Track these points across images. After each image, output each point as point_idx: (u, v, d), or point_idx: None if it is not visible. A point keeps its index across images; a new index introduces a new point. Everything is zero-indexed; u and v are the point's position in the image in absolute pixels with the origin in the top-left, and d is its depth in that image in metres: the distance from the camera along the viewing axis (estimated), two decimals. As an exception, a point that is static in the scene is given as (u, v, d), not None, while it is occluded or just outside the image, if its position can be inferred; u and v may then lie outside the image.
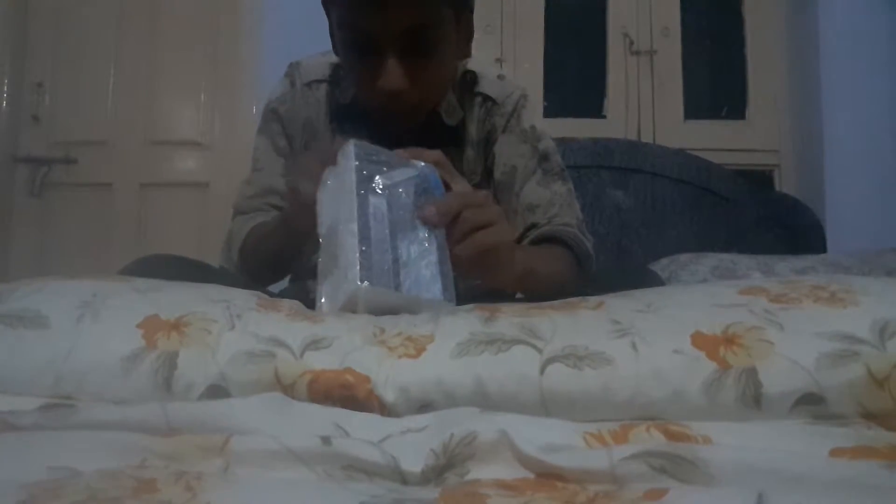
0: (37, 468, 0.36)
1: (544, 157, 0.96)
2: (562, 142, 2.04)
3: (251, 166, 1.04)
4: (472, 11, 0.87)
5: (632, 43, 2.29)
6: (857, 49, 2.09)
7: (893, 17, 2.09)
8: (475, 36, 0.92)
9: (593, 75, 2.32)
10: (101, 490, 0.33)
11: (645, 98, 2.28)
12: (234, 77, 2.21)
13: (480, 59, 2.41)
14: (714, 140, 2.24)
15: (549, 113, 2.32)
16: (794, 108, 2.25)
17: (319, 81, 0.98)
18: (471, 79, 0.96)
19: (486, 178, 0.99)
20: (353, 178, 0.63)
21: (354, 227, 0.60)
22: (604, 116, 2.30)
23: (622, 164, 2.04)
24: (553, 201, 0.94)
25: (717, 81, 2.36)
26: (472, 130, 0.96)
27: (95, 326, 0.50)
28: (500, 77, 0.98)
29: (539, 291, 0.82)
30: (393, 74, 0.79)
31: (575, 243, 0.91)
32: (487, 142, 0.97)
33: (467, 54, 0.91)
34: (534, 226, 0.94)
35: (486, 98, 0.96)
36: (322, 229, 0.64)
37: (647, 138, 2.24)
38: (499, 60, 2.30)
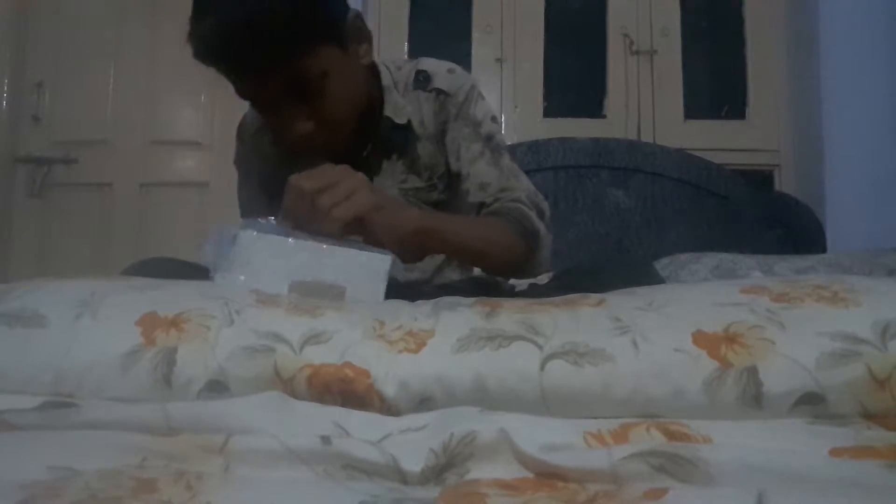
0: (37, 468, 0.36)
1: (489, 138, 0.99)
2: (562, 142, 2.05)
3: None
4: (353, 30, 0.88)
5: (632, 43, 2.29)
6: (857, 49, 2.08)
7: (893, 17, 2.09)
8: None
9: (593, 75, 2.32)
10: (101, 490, 0.33)
11: (645, 98, 2.28)
12: (234, 77, 2.22)
13: (480, 58, 2.40)
14: (714, 140, 2.24)
15: (549, 113, 2.32)
16: (794, 108, 2.25)
17: (261, 130, 1.02)
18: (424, 78, 0.99)
19: (448, 167, 1.01)
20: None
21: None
22: (604, 116, 2.30)
23: (622, 164, 2.04)
24: (502, 176, 0.97)
25: (717, 81, 2.35)
26: (429, 124, 0.99)
27: (94, 324, 0.50)
28: (451, 71, 1.00)
29: (460, 255, 0.89)
30: (293, 124, 0.83)
31: (518, 217, 0.92)
32: (443, 132, 1.00)
33: (368, 61, 0.93)
34: (483, 205, 0.96)
35: (440, 92, 0.98)
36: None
37: (647, 138, 2.24)
38: (499, 60, 2.30)
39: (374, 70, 0.96)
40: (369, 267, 0.67)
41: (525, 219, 0.92)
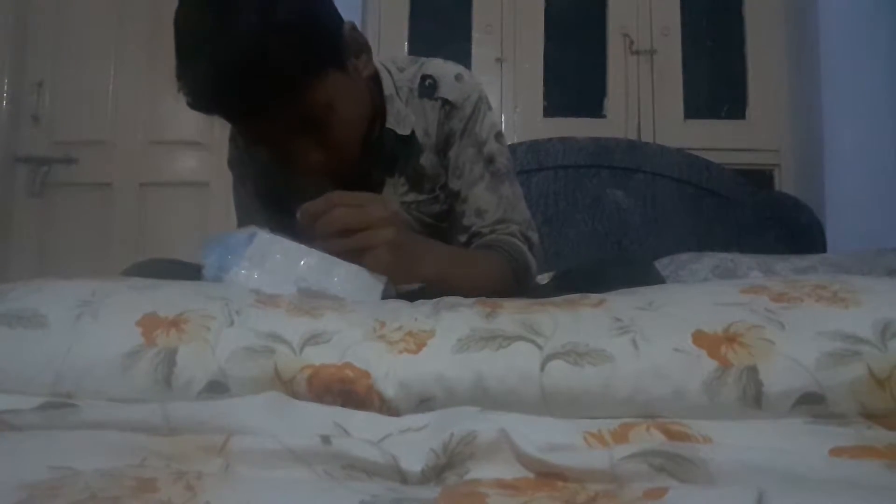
0: (37, 468, 0.36)
1: (490, 160, 0.95)
2: (562, 141, 2.05)
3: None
4: (351, 44, 0.83)
5: (632, 43, 2.29)
6: (857, 49, 2.09)
7: (893, 17, 2.09)
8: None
9: (593, 75, 2.32)
10: (101, 490, 0.33)
11: (645, 98, 2.28)
12: (234, 77, 2.21)
13: (480, 58, 2.40)
14: (714, 140, 2.24)
15: (549, 113, 2.32)
16: (794, 108, 2.25)
17: None
18: (430, 85, 0.94)
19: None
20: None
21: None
22: (604, 116, 2.30)
23: (622, 164, 2.04)
24: (500, 205, 0.94)
25: (717, 81, 2.36)
26: (432, 134, 0.95)
27: (94, 325, 0.50)
28: (458, 77, 0.96)
29: (463, 294, 0.86)
30: (303, 157, 0.80)
31: (513, 253, 0.91)
32: (447, 144, 0.96)
33: (369, 72, 0.88)
34: (477, 234, 0.94)
35: (446, 102, 0.94)
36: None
37: (647, 138, 2.24)
38: (499, 60, 2.30)
39: (374, 77, 0.91)
40: (367, 284, 0.68)
41: (520, 255, 0.91)
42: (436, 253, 0.80)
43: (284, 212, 0.99)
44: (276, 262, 0.66)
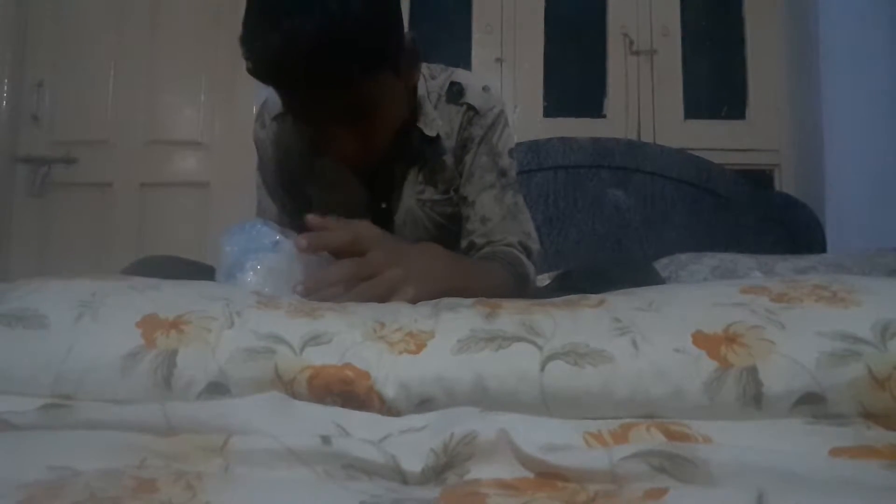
0: (37, 468, 0.36)
1: (502, 173, 0.99)
2: (562, 142, 2.05)
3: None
4: (408, 54, 0.85)
5: (632, 43, 2.29)
6: (857, 49, 2.09)
7: (893, 17, 2.09)
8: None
9: (593, 75, 2.32)
10: (101, 490, 0.33)
11: (645, 98, 2.28)
12: (234, 77, 2.21)
13: (480, 58, 2.41)
14: (714, 140, 2.25)
15: (549, 113, 2.32)
16: (794, 108, 2.25)
17: (282, 115, 1.00)
18: (457, 90, 0.99)
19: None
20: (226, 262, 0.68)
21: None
22: (604, 116, 2.30)
23: (622, 164, 2.04)
24: (503, 215, 0.98)
25: (717, 81, 2.36)
26: (453, 137, 0.99)
27: (94, 326, 0.50)
28: (485, 89, 1.00)
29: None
30: (334, 144, 0.82)
31: (512, 262, 0.93)
32: (464, 149, 0.99)
33: (415, 82, 0.92)
34: (474, 244, 0.97)
35: (470, 107, 0.98)
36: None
37: (647, 138, 2.24)
38: (499, 60, 2.30)
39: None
40: None
41: (519, 264, 0.94)
42: (450, 268, 0.79)
43: (302, 194, 1.02)
44: (295, 269, 0.66)
